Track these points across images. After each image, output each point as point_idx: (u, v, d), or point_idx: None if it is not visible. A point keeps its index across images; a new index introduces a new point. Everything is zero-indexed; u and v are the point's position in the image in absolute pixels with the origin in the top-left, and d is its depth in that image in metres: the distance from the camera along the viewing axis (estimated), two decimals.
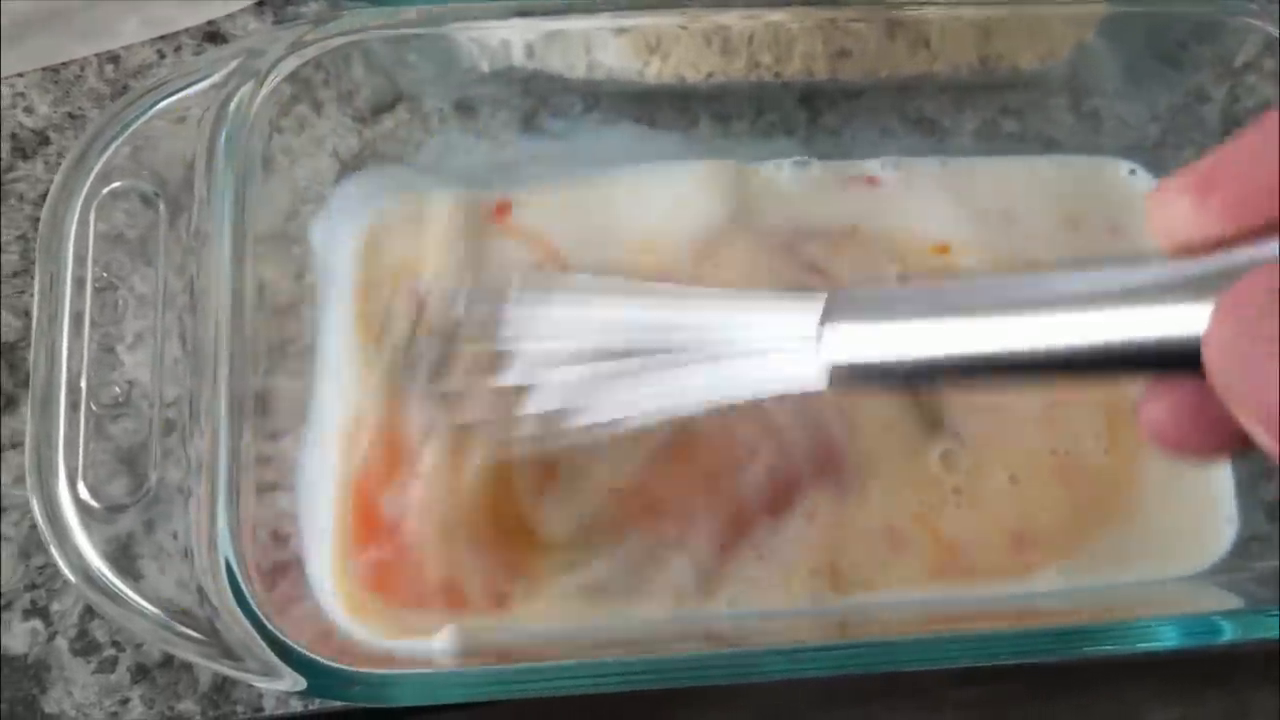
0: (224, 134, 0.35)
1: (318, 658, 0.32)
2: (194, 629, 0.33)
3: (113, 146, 0.35)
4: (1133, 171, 0.44)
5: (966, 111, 0.44)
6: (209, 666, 0.33)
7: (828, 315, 0.29)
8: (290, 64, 0.36)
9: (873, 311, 0.28)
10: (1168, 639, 0.35)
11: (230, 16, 0.45)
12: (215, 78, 0.35)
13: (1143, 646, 0.35)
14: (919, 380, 0.29)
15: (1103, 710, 0.43)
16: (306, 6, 0.46)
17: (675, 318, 0.33)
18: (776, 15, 0.40)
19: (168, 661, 0.39)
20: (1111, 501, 0.41)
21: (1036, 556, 0.40)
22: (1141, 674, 0.43)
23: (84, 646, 0.40)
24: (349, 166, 0.41)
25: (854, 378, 0.28)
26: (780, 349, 0.30)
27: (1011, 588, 0.40)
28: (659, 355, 0.33)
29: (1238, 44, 0.40)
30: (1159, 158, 0.44)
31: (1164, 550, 0.40)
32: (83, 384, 0.34)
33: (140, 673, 0.39)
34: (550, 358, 0.34)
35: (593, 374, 0.34)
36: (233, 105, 0.35)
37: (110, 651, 0.40)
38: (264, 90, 0.35)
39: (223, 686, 0.39)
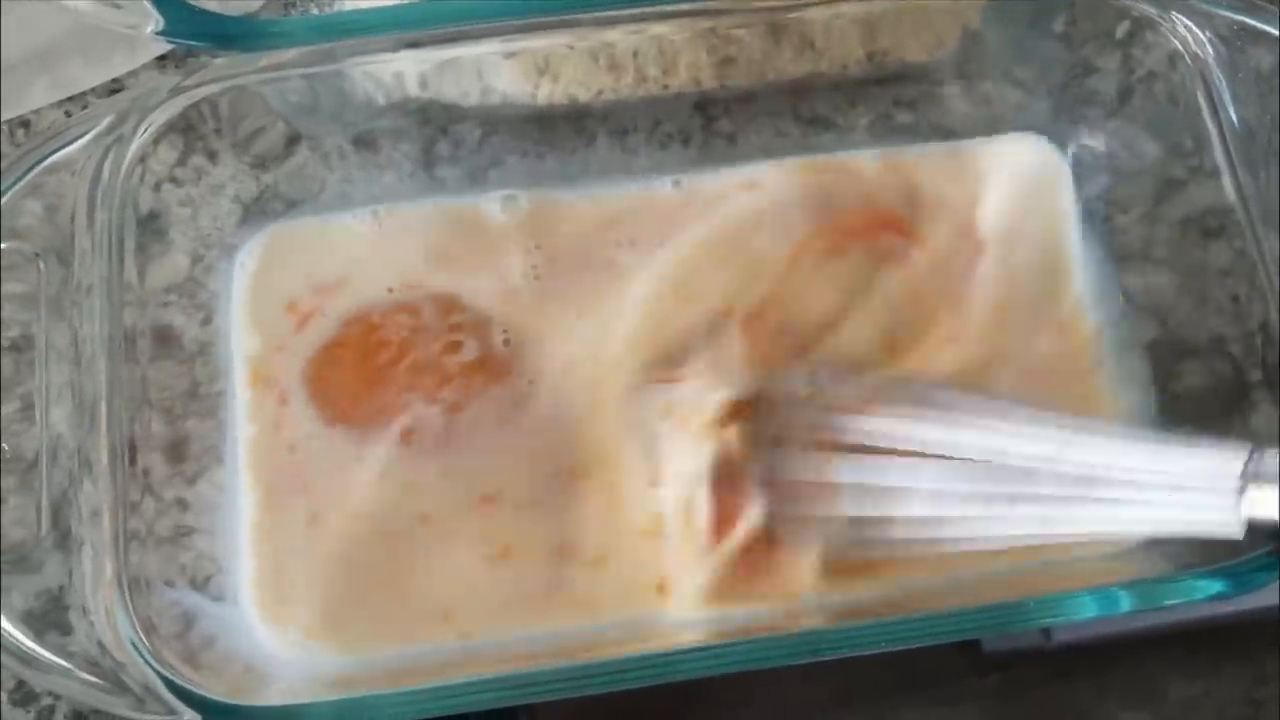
0: (100, 186, 0.36)
1: (210, 695, 0.33)
2: (101, 678, 0.33)
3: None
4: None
5: (859, 107, 0.45)
6: (118, 713, 0.34)
7: (1251, 475, 0.31)
8: (163, 114, 0.37)
9: None
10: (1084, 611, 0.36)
11: (133, 73, 0.46)
12: (97, 129, 0.36)
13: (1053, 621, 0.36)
14: None
15: (1125, 686, 0.43)
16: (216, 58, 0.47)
17: (1057, 450, 0.35)
18: (659, 28, 0.41)
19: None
20: None
21: None
22: (1162, 648, 0.43)
23: (22, 697, 0.41)
24: (252, 211, 0.42)
25: (1273, 536, 0.31)
26: (1192, 492, 0.32)
27: None
28: (1034, 483, 0.35)
29: (1117, 18, 0.41)
30: (1055, 132, 0.44)
31: None
32: None
33: (78, 719, 0.40)
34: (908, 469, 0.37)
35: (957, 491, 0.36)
36: (108, 158, 0.36)
37: (48, 700, 0.40)
38: (136, 141, 0.36)
39: None
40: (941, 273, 0.43)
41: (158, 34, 0.35)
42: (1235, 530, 0.32)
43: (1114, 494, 0.34)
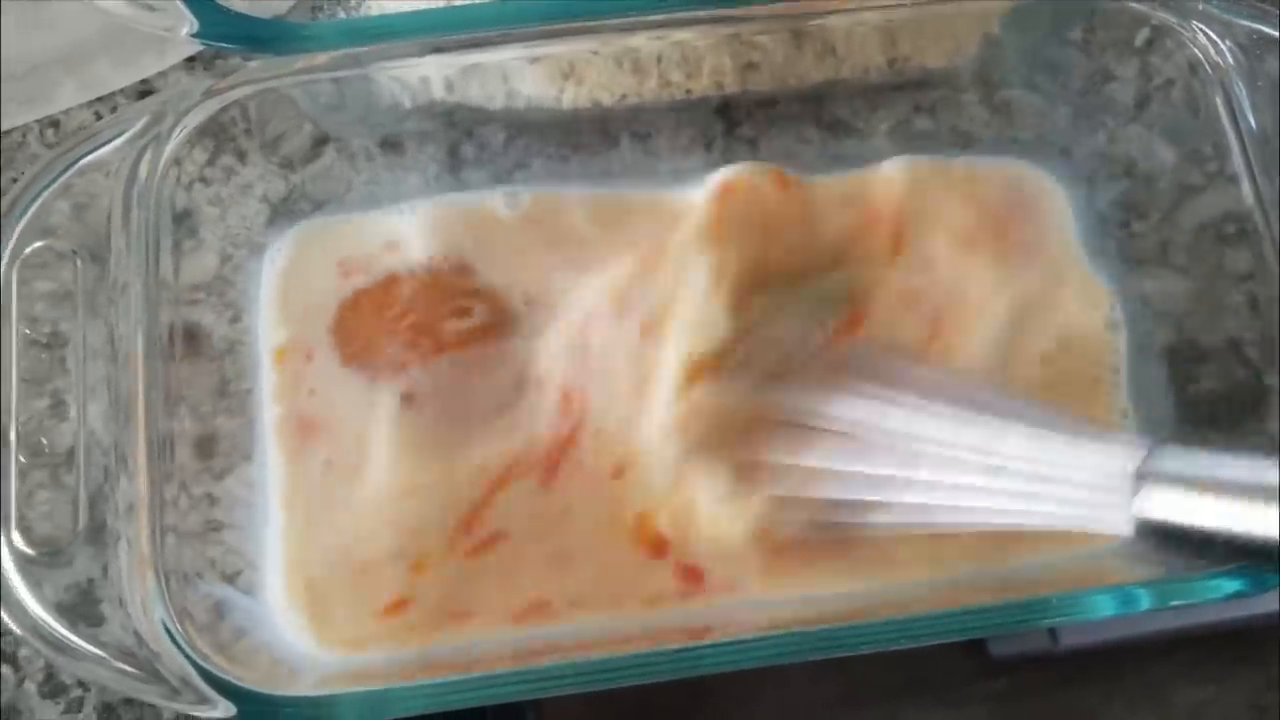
0: (135, 186, 0.36)
1: (244, 684, 0.33)
2: (136, 667, 0.34)
3: (36, 205, 0.36)
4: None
5: (880, 112, 0.45)
6: (152, 701, 0.34)
7: (1146, 473, 0.30)
8: (198, 116, 0.37)
9: (1195, 482, 0.30)
10: (1102, 610, 0.36)
11: (163, 74, 0.47)
12: (132, 131, 0.37)
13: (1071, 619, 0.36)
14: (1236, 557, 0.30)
15: (1131, 692, 0.44)
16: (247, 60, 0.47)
17: (985, 436, 0.34)
18: (682, 34, 0.41)
19: (132, 698, 0.40)
20: None
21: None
22: (1169, 653, 0.43)
23: (52, 689, 0.41)
24: (279, 211, 0.43)
25: (1161, 537, 0.30)
26: (1087, 486, 0.32)
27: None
28: (958, 467, 0.35)
29: (1137, 26, 0.41)
30: (1072, 141, 0.45)
31: None
32: (12, 437, 0.35)
33: (106, 711, 0.41)
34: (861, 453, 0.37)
35: (899, 474, 0.36)
36: (144, 158, 0.36)
37: (77, 692, 0.41)
38: (172, 142, 0.37)
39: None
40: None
41: (192, 36, 0.36)
42: (1125, 528, 0.31)
43: (1015, 485, 0.34)
